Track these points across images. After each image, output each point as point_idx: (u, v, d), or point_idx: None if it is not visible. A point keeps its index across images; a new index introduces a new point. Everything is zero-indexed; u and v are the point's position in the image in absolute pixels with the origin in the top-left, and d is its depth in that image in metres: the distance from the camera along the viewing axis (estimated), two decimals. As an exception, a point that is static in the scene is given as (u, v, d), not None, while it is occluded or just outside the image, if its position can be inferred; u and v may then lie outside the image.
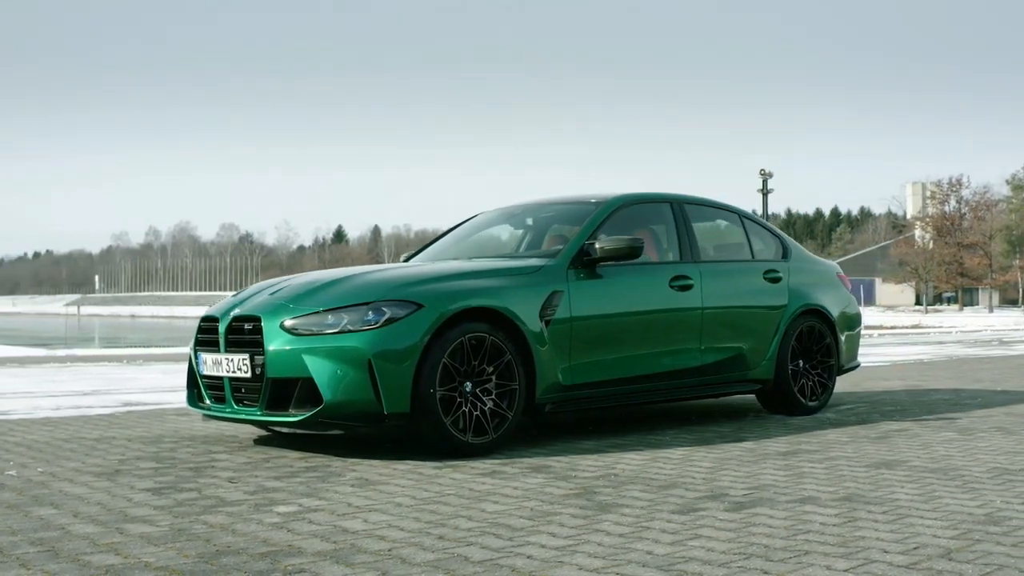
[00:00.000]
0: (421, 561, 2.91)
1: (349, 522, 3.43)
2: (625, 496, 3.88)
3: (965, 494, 3.87)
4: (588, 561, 2.91)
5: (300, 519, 3.47)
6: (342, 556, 2.96)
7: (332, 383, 4.70)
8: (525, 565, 2.87)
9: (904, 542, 3.09)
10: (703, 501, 3.77)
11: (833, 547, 3.05)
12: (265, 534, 3.24)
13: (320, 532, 3.27)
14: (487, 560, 2.92)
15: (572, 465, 4.65)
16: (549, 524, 3.40)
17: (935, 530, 3.25)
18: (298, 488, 4.06)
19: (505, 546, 3.09)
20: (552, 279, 5.44)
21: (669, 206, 6.39)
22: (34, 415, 6.78)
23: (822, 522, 3.39)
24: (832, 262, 7.51)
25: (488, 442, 4.98)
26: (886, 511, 3.56)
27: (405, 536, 3.22)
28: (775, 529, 3.29)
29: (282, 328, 4.84)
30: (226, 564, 2.87)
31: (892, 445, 5.22)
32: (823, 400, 6.81)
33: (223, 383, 5.05)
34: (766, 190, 31.20)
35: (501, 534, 3.25)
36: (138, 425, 6.16)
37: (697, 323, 6.10)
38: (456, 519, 3.48)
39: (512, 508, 3.67)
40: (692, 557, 2.95)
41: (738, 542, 3.12)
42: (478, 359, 4.98)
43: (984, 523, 3.36)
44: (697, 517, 3.49)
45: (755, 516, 3.50)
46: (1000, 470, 4.42)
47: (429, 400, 4.77)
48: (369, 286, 5.00)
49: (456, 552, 3.01)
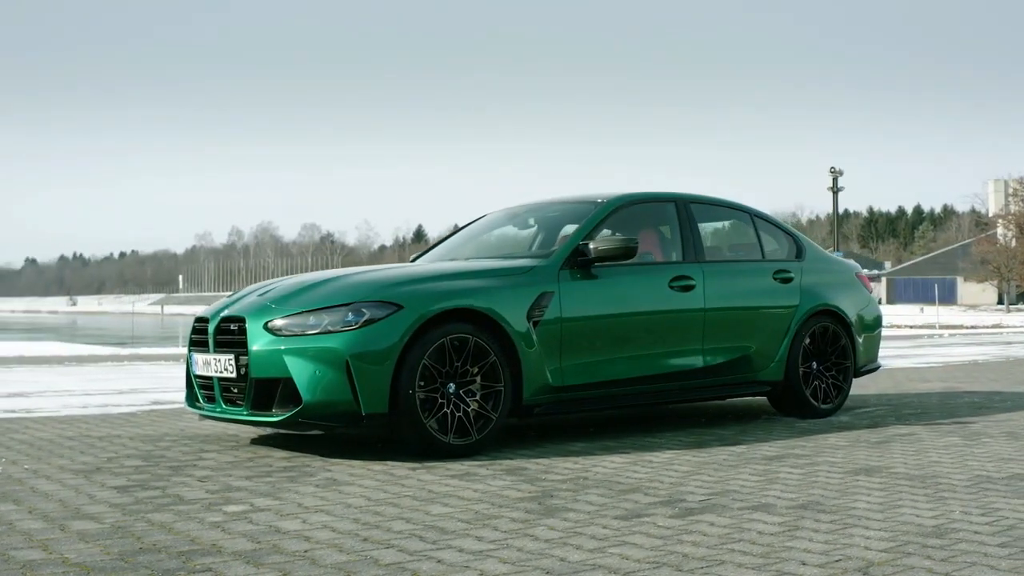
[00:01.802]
0: (330, 563, 2.92)
1: (287, 522, 3.46)
2: (579, 500, 3.84)
3: (928, 503, 3.73)
4: (494, 567, 2.89)
5: (242, 519, 3.52)
6: (256, 557, 2.99)
7: (311, 384, 4.75)
8: (429, 569, 2.86)
9: (829, 554, 3.00)
10: (654, 507, 3.70)
11: (753, 557, 2.97)
12: (197, 533, 3.29)
13: (252, 532, 3.31)
14: (395, 563, 2.92)
15: (549, 467, 4.62)
16: (483, 528, 3.38)
17: (871, 542, 3.14)
18: (261, 488, 4.11)
19: (423, 549, 3.08)
20: (542, 280, 5.41)
21: (674, 205, 6.30)
22: (58, 413, 6.99)
23: (760, 531, 3.31)
24: (851, 262, 7.31)
25: (471, 443, 4.97)
26: (834, 520, 3.45)
27: (331, 538, 3.24)
28: (707, 537, 3.22)
29: (265, 329, 4.90)
30: (140, 562, 2.93)
31: (886, 450, 5.06)
32: (837, 403, 6.63)
33: (213, 383, 5.14)
34: (836, 188, 30.58)
35: (428, 537, 3.25)
36: (151, 424, 6.30)
37: (699, 324, 6.00)
38: (395, 521, 3.49)
39: (458, 511, 3.65)
40: (601, 565, 2.90)
41: (660, 550, 3.06)
42: (461, 360, 4.97)
43: (928, 535, 3.23)
44: (636, 523, 3.43)
45: (696, 523, 3.42)
46: (982, 478, 4.25)
47: (408, 401, 4.78)
48: (351, 287, 5.04)
49: (370, 555, 3.02)
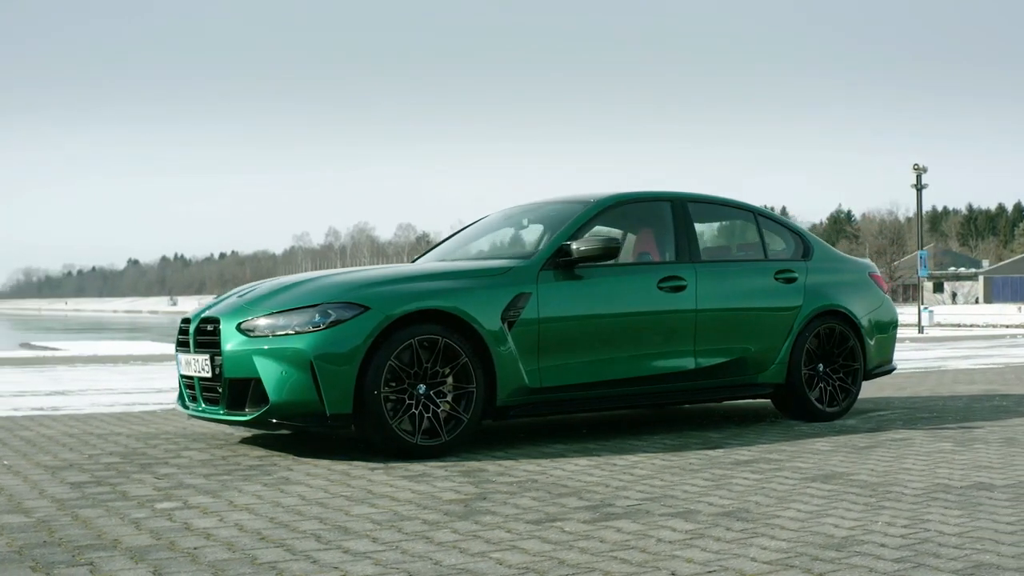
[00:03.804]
0: (207, 561, 2.97)
1: (203, 520, 3.53)
2: (507, 503, 3.82)
3: (859, 513, 3.60)
4: (363, 568, 2.89)
5: (163, 516, 3.60)
6: (144, 553, 3.05)
7: (278, 384, 4.84)
8: (298, 569, 2.88)
9: (708, 564, 2.92)
10: (577, 511, 3.66)
11: (629, 565, 2.91)
12: (111, 529, 3.38)
13: (161, 529, 3.38)
14: (268, 563, 2.95)
15: (508, 469, 4.61)
16: (388, 529, 3.39)
17: (764, 552, 3.05)
18: (210, 486, 4.20)
19: (310, 549, 3.11)
20: (519, 281, 5.39)
21: (669, 205, 6.21)
22: (80, 411, 7.25)
23: (660, 538, 3.24)
24: (866, 261, 7.06)
25: (441, 444, 4.98)
26: (744, 530, 3.36)
27: (231, 536, 3.29)
28: (601, 544, 3.17)
29: (238, 330, 5.00)
30: (34, 555, 3.02)
31: (864, 456, 4.89)
32: (844, 406, 6.43)
33: (195, 383, 5.27)
34: (920, 185, 29.65)
35: (326, 537, 3.27)
36: (156, 422, 6.49)
37: (690, 325, 5.89)
38: (310, 520, 3.53)
39: (379, 512, 3.67)
40: (471, 570, 2.88)
41: (542, 555, 3.03)
42: (431, 361, 4.99)
43: (828, 547, 3.12)
44: (542, 528, 3.40)
45: (602, 529, 3.37)
46: (940, 487, 4.08)
47: (373, 402, 4.82)
48: (321, 289, 5.10)
49: (253, 554, 3.06)
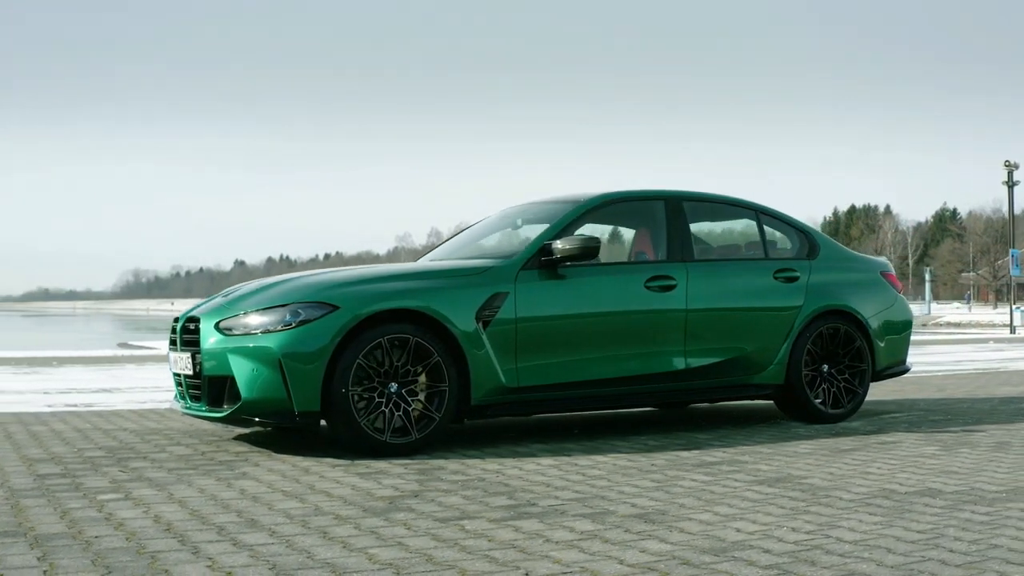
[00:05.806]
0: (96, 549, 3.07)
1: (129, 512, 3.64)
2: (435, 502, 3.85)
3: (774, 518, 3.51)
4: (236, 560, 2.96)
5: (96, 507, 3.73)
6: (45, 540, 3.17)
7: (249, 382, 4.97)
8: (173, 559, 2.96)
9: (570, 566, 2.89)
10: (495, 510, 3.67)
11: (497, 564, 2.91)
12: (41, 518, 3.52)
13: (84, 519, 3.51)
14: (151, 553, 3.04)
15: (466, 468, 4.64)
16: (294, 524, 3.46)
17: (639, 556, 3.01)
18: (166, 480, 4.33)
19: (202, 541, 3.19)
20: (497, 280, 5.41)
21: (663, 204, 6.14)
22: (108, 408, 7.55)
23: (549, 538, 3.23)
24: (879, 260, 6.83)
25: (411, 442, 5.04)
26: (641, 532, 3.32)
27: (140, 527, 3.39)
28: (488, 543, 3.18)
29: (216, 328, 5.15)
30: (-49, 544, 3.18)
31: (834, 460, 4.76)
32: (849, 408, 6.25)
33: (182, 380, 5.44)
34: (1011, 182, 28.54)
35: (227, 529, 3.35)
36: (169, 419, 6.70)
37: (679, 325, 5.82)
38: (228, 514, 3.61)
39: (301, 507, 3.74)
40: (335, 565, 2.92)
41: (419, 552, 3.05)
42: (402, 360, 5.05)
43: (709, 551, 3.06)
44: (446, 526, 3.42)
45: (501, 529, 3.38)
46: (883, 493, 3.95)
47: (341, 400, 4.91)
48: (294, 290, 5.21)
49: (143, 543, 3.15)
